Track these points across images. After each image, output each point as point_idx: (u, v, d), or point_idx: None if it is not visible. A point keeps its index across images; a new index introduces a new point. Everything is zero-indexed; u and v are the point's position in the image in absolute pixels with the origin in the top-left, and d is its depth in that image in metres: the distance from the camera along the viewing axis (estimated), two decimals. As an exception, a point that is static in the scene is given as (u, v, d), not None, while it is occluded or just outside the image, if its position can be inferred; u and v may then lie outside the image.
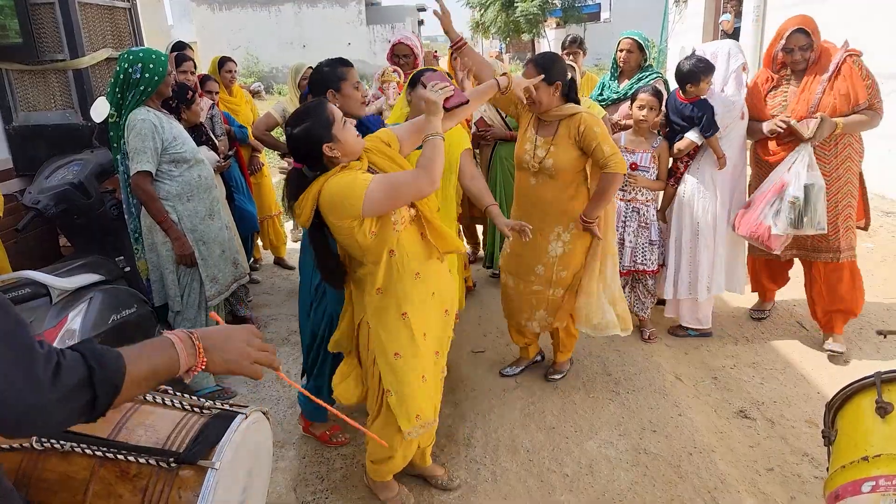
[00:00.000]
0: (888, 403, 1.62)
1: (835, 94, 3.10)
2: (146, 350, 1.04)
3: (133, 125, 2.79)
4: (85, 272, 2.71)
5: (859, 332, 3.59)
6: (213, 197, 3.12)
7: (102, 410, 0.94)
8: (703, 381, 3.19)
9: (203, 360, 1.10)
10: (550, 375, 3.25)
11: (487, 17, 21.65)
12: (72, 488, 1.23)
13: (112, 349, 0.97)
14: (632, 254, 3.49)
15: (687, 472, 2.54)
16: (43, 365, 0.87)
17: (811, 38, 3.11)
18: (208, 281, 3.09)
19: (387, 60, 4.08)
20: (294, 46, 22.38)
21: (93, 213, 3.15)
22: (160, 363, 1.04)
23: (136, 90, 2.81)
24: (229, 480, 1.32)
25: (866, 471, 1.55)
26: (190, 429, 1.31)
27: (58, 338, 2.37)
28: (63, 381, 0.88)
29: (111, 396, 0.94)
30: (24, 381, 0.84)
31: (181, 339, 1.08)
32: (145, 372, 1.01)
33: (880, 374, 1.69)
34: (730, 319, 3.81)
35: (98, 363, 0.93)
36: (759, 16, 8.30)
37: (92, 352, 0.94)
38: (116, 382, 0.95)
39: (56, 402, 0.87)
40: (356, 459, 2.71)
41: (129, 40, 3.95)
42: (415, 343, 2.14)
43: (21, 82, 3.56)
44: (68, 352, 0.92)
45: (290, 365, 3.53)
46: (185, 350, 1.07)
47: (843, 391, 1.80)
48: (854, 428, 1.73)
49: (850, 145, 3.24)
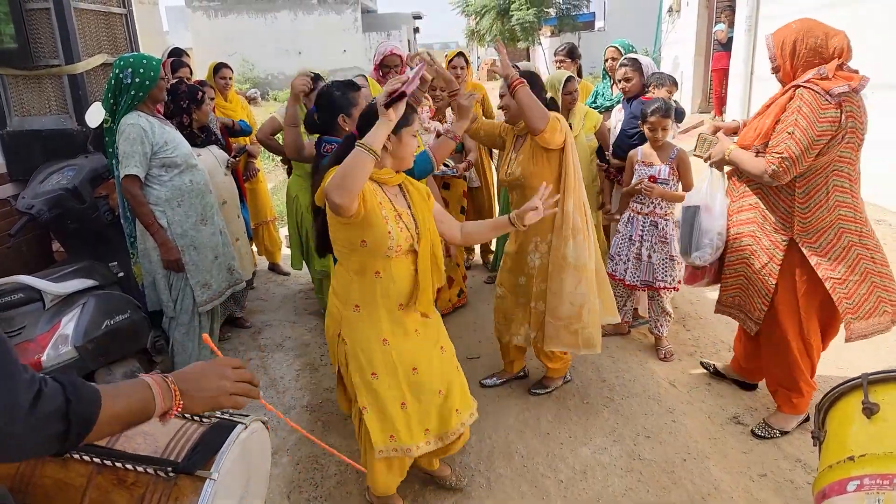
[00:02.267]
0: (874, 404, 1.65)
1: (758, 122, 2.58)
2: (123, 390, 1.05)
3: (122, 130, 2.82)
4: (79, 277, 2.71)
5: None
6: (205, 202, 3.12)
7: (74, 444, 0.94)
8: (697, 388, 3.19)
9: (179, 402, 1.10)
10: (533, 389, 3.21)
11: (483, 25, 21.78)
12: (68, 495, 1.22)
13: (90, 385, 0.98)
14: (649, 270, 3.40)
15: (681, 478, 2.54)
16: (24, 391, 0.87)
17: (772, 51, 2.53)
18: (199, 287, 3.08)
19: (373, 70, 4.01)
20: (290, 53, 22.40)
21: (86, 218, 3.14)
22: (135, 404, 1.04)
23: (128, 95, 2.84)
24: (227, 490, 1.32)
25: (852, 470, 1.58)
26: (189, 438, 1.31)
27: (51, 343, 2.37)
28: (41, 409, 0.88)
29: (84, 431, 0.94)
30: (3, 405, 0.84)
31: (157, 383, 1.08)
32: (120, 411, 1.01)
33: (867, 375, 1.72)
34: (724, 327, 3.83)
35: (76, 396, 0.93)
36: (751, 26, 8.38)
37: (72, 385, 0.94)
38: (91, 418, 0.95)
39: (31, 429, 0.87)
40: (351, 467, 2.69)
41: (125, 46, 3.95)
42: (395, 370, 2.10)
43: (16, 87, 3.55)
44: (49, 380, 0.93)
45: (283, 371, 3.52)
46: (160, 393, 1.07)
47: (831, 392, 1.84)
48: (841, 428, 1.76)
49: (762, 195, 2.62)
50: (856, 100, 2.36)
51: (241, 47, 22.15)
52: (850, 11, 6.29)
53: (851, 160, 2.45)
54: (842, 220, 2.46)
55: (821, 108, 2.32)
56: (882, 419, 1.63)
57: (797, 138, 2.35)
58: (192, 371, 1.16)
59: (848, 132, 2.36)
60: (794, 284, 2.58)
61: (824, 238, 2.48)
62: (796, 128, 2.36)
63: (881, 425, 1.63)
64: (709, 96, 10.85)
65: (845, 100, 2.32)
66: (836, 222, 2.46)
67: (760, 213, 2.63)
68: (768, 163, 2.43)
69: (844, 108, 2.32)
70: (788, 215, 2.53)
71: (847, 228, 2.47)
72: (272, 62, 22.21)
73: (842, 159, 2.43)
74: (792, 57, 2.46)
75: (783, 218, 2.55)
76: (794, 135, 2.36)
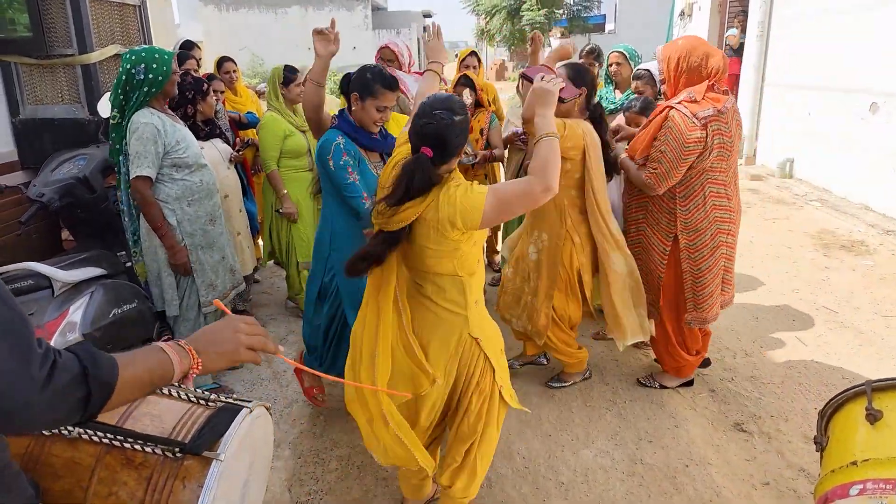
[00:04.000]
0: (878, 410, 1.69)
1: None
2: (139, 355, 1.05)
3: (136, 128, 2.72)
4: (87, 266, 2.72)
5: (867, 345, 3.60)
6: (214, 202, 3.09)
7: (96, 409, 0.95)
8: (701, 394, 3.19)
9: (198, 361, 1.10)
10: (549, 382, 3.27)
11: (493, 25, 21.78)
12: (77, 474, 1.23)
13: (104, 353, 0.98)
14: None
15: (682, 484, 2.54)
16: (40, 363, 0.87)
17: (661, 65, 2.81)
18: (204, 287, 3.04)
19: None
20: (299, 48, 22.38)
21: (96, 207, 3.16)
22: (154, 366, 1.04)
23: (140, 91, 2.74)
24: (232, 473, 1.33)
25: (855, 475, 1.61)
26: (195, 420, 1.32)
27: (58, 330, 2.38)
28: (57, 380, 0.89)
29: (105, 395, 0.95)
30: (19, 378, 0.85)
31: (170, 346, 1.08)
32: (140, 373, 1.01)
33: (871, 382, 1.76)
34: (728, 334, 3.82)
35: (92, 363, 0.94)
36: (763, 32, 8.34)
37: (87, 352, 0.95)
38: (110, 381, 0.95)
39: (48, 400, 0.88)
40: (352, 461, 2.70)
41: (138, 37, 3.97)
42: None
43: (29, 76, 3.57)
44: (64, 352, 0.93)
45: (287, 364, 3.53)
46: (176, 354, 1.07)
47: (835, 399, 1.88)
48: (845, 434, 1.80)
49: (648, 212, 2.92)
50: (723, 118, 2.66)
51: (250, 42, 22.22)
52: (861, 18, 6.30)
53: (724, 169, 2.77)
54: (718, 222, 2.80)
55: (688, 129, 2.63)
56: (886, 425, 1.67)
57: (668, 157, 2.69)
58: (206, 331, 1.17)
59: (715, 148, 2.68)
60: (677, 274, 2.91)
61: (700, 238, 2.81)
62: (667, 146, 2.69)
63: (884, 431, 1.66)
64: (718, 102, 10.81)
65: (711, 120, 2.63)
66: (714, 223, 2.79)
67: (650, 213, 2.94)
68: (646, 176, 2.78)
69: (711, 127, 2.64)
70: (672, 215, 2.84)
71: (721, 228, 2.81)
72: (281, 57, 22.14)
73: (713, 169, 2.74)
74: (676, 72, 2.76)
75: (668, 218, 2.86)
76: (665, 153, 2.69)
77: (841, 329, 3.84)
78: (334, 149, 2.51)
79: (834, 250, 5.28)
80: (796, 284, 4.57)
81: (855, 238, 5.54)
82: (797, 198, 6.94)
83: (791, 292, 4.43)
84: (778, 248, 5.41)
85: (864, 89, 6.24)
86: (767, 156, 8.54)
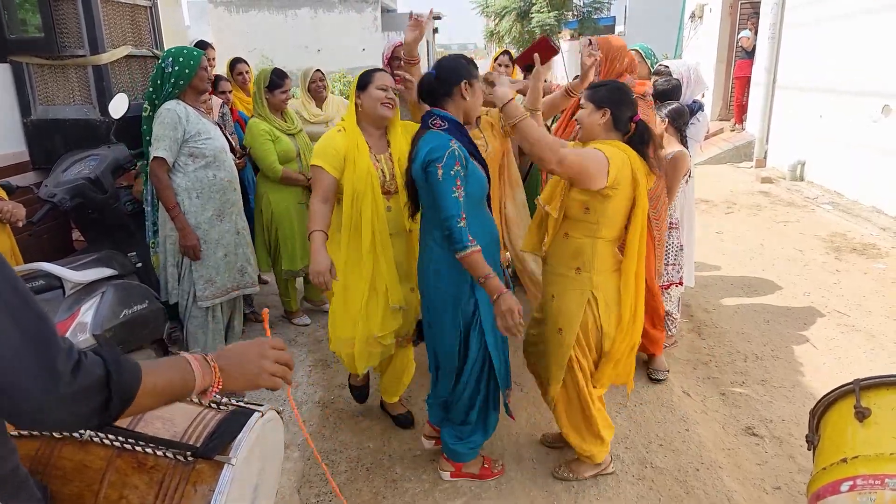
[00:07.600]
0: (866, 408, 1.75)
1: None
2: (163, 365, 1.05)
3: (159, 114, 2.90)
4: (98, 266, 2.72)
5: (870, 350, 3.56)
6: (226, 199, 3.11)
7: (115, 415, 0.94)
8: (712, 397, 3.16)
9: (220, 379, 1.10)
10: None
11: (503, 26, 21.73)
12: (87, 477, 1.23)
13: (130, 359, 0.98)
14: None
15: (693, 488, 2.51)
16: (64, 359, 0.87)
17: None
18: (202, 281, 3.07)
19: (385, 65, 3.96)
20: (309, 50, 22.47)
21: (107, 208, 3.17)
22: (176, 379, 1.04)
23: (168, 83, 2.93)
24: (244, 477, 1.32)
25: (845, 471, 1.68)
26: (207, 423, 1.31)
27: (69, 330, 2.39)
28: (81, 378, 0.88)
29: (126, 401, 0.95)
30: (44, 374, 0.84)
31: (197, 360, 1.08)
32: (162, 384, 1.01)
33: (859, 381, 1.82)
34: (739, 337, 3.79)
35: (116, 368, 0.93)
36: (775, 34, 8.28)
37: (113, 357, 0.95)
38: (131, 390, 0.95)
39: (71, 398, 0.87)
40: (360, 462, 2.70)
41: (149, 39, 3.98)
42: None
43: (41, 76, 3.59)
44: (89, 353, 0.93)
45: (296, 366, 3.53)
46: (199, 370, 1.07)
47: (825, 398, 1.93)
48: (835, 432, 1.85)
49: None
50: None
51: (260, 43, 22.26)
52: (872, 21, 6.25)
53: None
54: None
55: None
56: (873, 422, 1.73)
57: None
58: (233, 350, 1.17)
59: None
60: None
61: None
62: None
63: (873, 428, 1.72)
64: (729, 104, 10.75)
65: None
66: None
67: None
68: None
69: None
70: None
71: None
72: (291, 59, 22.19)
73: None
74: (605, 65, 3.07)
75: None
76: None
77: (852, 332, 3.81)
78: (448, 155, 2.09)
79: (845, 253, 5.23)
80: (807, 288, 4.53)
81: (867, 241, 5.49)
82: (808, 200, 6.89)
83: (802, 295, 4.39)
84: (789, 251, 5.37)
85: (876, 92, 6.21)
86: (779, 158, 8.48)
